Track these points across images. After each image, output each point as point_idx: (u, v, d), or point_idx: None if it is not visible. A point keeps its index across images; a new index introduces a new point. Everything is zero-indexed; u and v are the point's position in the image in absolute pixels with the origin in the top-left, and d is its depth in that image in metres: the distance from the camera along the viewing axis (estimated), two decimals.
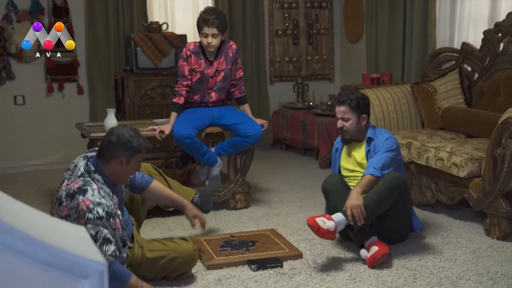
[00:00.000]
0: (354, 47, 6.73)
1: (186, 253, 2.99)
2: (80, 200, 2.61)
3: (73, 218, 2.62)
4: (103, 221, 2.59)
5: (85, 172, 2.71)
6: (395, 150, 3.43)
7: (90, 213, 2.58)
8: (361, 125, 3.49)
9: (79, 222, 2.60)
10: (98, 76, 5.98)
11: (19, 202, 1.15)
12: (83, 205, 2.59)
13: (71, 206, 2.63)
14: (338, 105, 3.50)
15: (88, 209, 2.58)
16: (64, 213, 2.67)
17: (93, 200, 2.61)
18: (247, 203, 4.40)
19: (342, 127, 3.50)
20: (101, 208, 2.60)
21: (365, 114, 3.48)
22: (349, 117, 3.47)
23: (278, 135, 6.63)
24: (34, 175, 5.68)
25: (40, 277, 0.97)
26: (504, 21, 4.45)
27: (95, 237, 2.57)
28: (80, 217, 2.59)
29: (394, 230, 3.43)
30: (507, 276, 2.97)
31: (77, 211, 2.60)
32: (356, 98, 3.46)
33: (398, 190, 3.27)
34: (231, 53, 4.23)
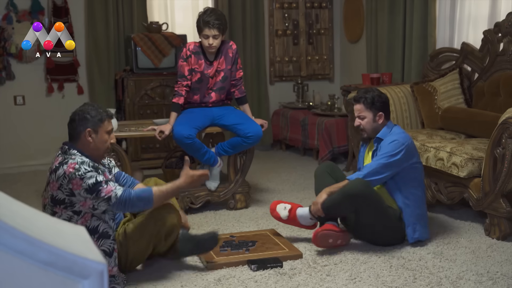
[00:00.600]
0: (354, 47, 6.73)
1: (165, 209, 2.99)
2: (64, 168, 2.75)
3: (66, 184, 2.73)
4: (93, 172, 2.75)
5: (61, 153, 2.86)
6: (395, 155, 3.36)
7: (78, 171, 2.73)
8: (377, 123, 3.49)
9: (74, 184, 2.73)
10: (98, 76, 5.98)
11: (19, 202, 1.15)
12: (69, 169, 2.74)
13: (58, 176, 2.75)
14: (354, 103, 3.56)
15: (75, 169, 2.73)
16: (54, 188, 2.75)
17: (75, 161, 2.77)
18: (247, 203, 4.40)
19: (359, 125, 3.53)
20: (86, 165, 2.77)
21: (381, 112, 3.48)
22: (365, 115, 3.49)
23: (278, 135, 6.63)
24: (34, 175, 5.68)
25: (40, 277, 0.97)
26: (504, 21, 4.45)
27: (96, 184, 2.72)
28: (72, 179, 2.72)
29: (369, 236, 3.45)
30: (507, 276, 2.97)
31: (66, 177, 2.73)
32: (371, 96, 3.48)
33: (355, 198, 3.27)
34: (231, 53, 4.23)
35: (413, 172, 3.45)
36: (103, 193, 2.75)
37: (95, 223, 2.83)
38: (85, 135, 2.86)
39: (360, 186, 3.29)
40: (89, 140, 2.87)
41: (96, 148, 2.89)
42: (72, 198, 2.76)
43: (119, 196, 2.77)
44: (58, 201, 2.79)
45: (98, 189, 2.74)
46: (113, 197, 2.76)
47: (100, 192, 2.74)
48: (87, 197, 2.74)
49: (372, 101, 3.47)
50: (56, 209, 2.81)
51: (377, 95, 3.50)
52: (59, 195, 2.77)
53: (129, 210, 2.89)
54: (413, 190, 3.44)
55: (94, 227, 2.82)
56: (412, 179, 3.45)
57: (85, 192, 2.74)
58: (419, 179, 3.49)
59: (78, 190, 2.74)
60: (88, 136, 2.86)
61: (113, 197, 2.76)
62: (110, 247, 2.86)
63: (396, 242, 3.44)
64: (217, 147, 4.27)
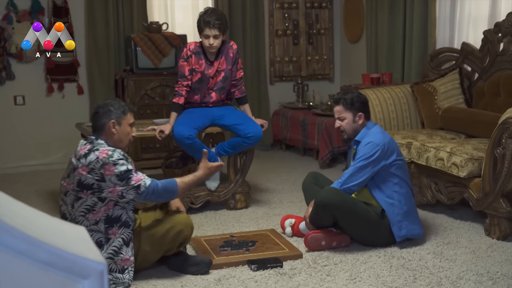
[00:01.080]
0: (354, 47, 6.73)
1: (181, 220, 3.04)
2: (97, 153, 2.82)
3: (98, 169, 2.79)
4: (125, 160, 2.84)
5: (88, 142, 2.93)
6: (371, 157, 3.35)
7: (112, 157, 2.81)
8: (357, 124, 3.49)
9: (106, 169, 2.79)
10: (98, 76, 5.98)
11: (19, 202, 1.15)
12: (103, 154, 2.82)
13: (89, 161, 2.81)
14: (334, 105, 3.58)
15: (108, 155, 2.81)
16: (84, 172, 2.81)
17: (108, 148, 2.86)
18: (247, 203, 4.40)
19: (339, 127, 3.54)
20: (118, 153, 2.85)
21: (360, 113, 3.48)
22: (345, 116, 3.51)
23: (278, 135, 6.63)
24: (34, 175, 5.68)
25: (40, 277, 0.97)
26: (504, 21, 4.45)
27: (127, 172, 2.81)
28: (105, 164, 2.79)
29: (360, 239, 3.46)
30: (507, 276, 2.97)
31: (99, 161, 2.79)
32: (350, 97, 3.49)
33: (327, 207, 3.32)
34: (232, 53, 4.23)
35: (394, 170, 3.43)
36: (133, 181, 2.83)
37: (118, 212, 2.90)
38: (109, 127, 2.95)
39: (329, 194, 3.34)
40: (113, 131, 2.96)
41: (120, 139, 2.99)
42: (101, 184, 2.81)
43: (148, 186, 2.84)
44: (86, 186, 2.83)
45: (128, 176, 2.82)
46: (142, 186, 2.84)
47: (130, 180, 2.82)
48: (117, 184, 2.81)
49: (351, 102, 3.48)
50: (82, 194, 2.85)
51: (356, 96, 3.51)
52: (88, 180, 2.81)
53: (155, 200, 2.98)
54: (397, 188, 3.43)
55: (117, 216, 2.89)
56: (393, 177, 3.43)
57: (116, 178, 2.80)
58: (401, 176, 3.46)
59: (110, 176, 2.80)
60: (112, 128, 2.96)
61: (142, 185, 2.84)
62: (128, 236, 2.91)
63: (386, 240, 3.44)
64: (217, 147, 4.27)
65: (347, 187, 3.37)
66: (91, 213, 2.87)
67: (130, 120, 3.02)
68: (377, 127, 3.54)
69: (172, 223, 3.02)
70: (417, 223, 3.50)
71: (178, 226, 3.02)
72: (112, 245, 2.88)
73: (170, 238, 3.01)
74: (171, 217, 3.08)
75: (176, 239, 3.03)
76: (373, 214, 3.39)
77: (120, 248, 2.89)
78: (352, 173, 3.37)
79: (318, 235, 3.39)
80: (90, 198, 2.84)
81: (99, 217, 2.87)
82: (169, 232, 3.00)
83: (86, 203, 2.85)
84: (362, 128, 3.50)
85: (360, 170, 3.36)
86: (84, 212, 2.87)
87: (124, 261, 2.89)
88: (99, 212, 2.87)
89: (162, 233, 3.00)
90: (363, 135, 3.47)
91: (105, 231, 2.88)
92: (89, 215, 2.87)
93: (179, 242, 3.06)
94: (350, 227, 3.41)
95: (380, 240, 3.43)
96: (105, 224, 2.88)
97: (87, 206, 2.86)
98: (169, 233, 3.00)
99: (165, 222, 3.05)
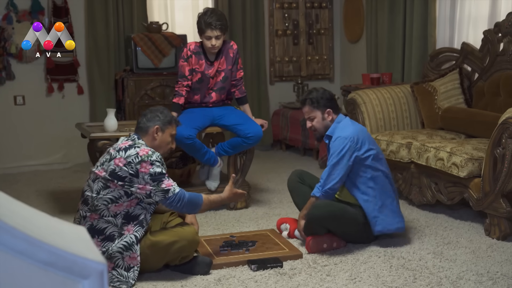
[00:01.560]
0: (354, 47, 6.73)
1: (187, 236, 3.03)
2: (138, 149, 2.93)
3: (135, 163, 2.89)
4: (161, 164, 2.94)
5: (129, 139, 3.03)
6: (341, 151, 3.36)
7: (151, 156, 2.91)
8: (327, 121, 3.52)
9: (142, 166, 2.89)
10: (98, 76, 5.98)
11: (19, 202, 1.15)
12: (143, 152, 2.92)
13: (128, 155, 2.91)
14: (302, 105, 3.60)
15: (148, 154, 2.92)
16: (120, 164, 2.90)
17: (148, 149, 2.96)
18: (247, 203, 4.40)
19: (311, 127, 3.57)
20: (156, 155, 2.95)
21: (329, 109, 3.51)
22: (314, 115, 3.53)
23: (278, 135, 6.63)
24: (34, 175, 5.68)
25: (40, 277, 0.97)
26: (504, 21, 4.45)
27: (160, 174, 2.91)
28: (143, 161, 2.89)
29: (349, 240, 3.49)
30: (507, 276, 2.97)
31: (138, 157, 2.89)
32: (315, 95, 3.52)
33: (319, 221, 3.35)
34: (232, 54, 4.23)
35: (369, 162, 3.42)
36: (164, 184, 2.92)
37: (138, 211, 2.96)
38: (153, 131, 3.06)
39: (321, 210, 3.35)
40: (155, 136, 3.07)
41: (159, 146, 3.08)
42: (133, 179, 2.89)
43: (176, 193, 2.94)
44: (119, 176, 2.90)
45: (161, 179, 2.91)
46: (171, 191, 2.94)
47: (162, 183, 2.91)
48: (148, 183, 2.90)
49: (317, 100, 3.51)
50: (112, 184, 2.91)
51: (321, 93, 3.54)
52: (122, 172, 2.89)
53: (177, 209, 3.04)
54: (372, 184, 3.43)
55: (136, 215, 2.96)
56: (368, 171, 3.42)
57: (149, 177, 2.89)
58: (378, 168, 3.45)
59: (144, 173, 2.89)
60: (155, 133, 3.07)
61: (171, 191, 2.93)
62: (140, 235, 2.95)
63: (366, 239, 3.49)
64: (217, 147, 4.27)
65: (328, 187, 3.39)
66: (113, 204, 2.92)
67: (172, 131, 3.14)
68: (347, 120, 3.54)
69: (178, 236, 3.01)
70: (396, 217, 3.49)
71: (183, 242, 3.01)
72: (124, 240, 2.92)
73: (174, 250, 3.00)
74: (179, 230, 3.07)
75: (179, 253, 3.03)
76: (360, 215, 3.43)
77: (131, 245, 2.92)
78: (329, 173, 3.40)
79: (319, 238, 3.39)
80: (118, 190, 2.91)
81: (119, 211, 2.93)
82: (174, 245, 2.99)
83: (113, 194, 2.92)
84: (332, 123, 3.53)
85: (335, 167, 3.38)
86: (107, 201, 2.92)
87: (131, 259, 2.92)
88: (121, 206, 2.93)
89: (166, 244, 2.99)
90: (333, 129, 3.50)
91: (120, 226, 2.94)
92: (111, 206, 2.92)
93: (182, 257, 3.06)
94: (343, 233, 3.44)
95: (369, 236, 3.48)
96: (123, 219, 2.94)
97: (112, 196, 2.92)
98: (173, 246, 2.99)
99: (172, 233, 3.04)
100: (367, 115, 4.73)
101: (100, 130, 4.19)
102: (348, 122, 3.53)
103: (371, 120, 4.73)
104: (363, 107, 4.74)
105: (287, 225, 3.70)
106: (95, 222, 2.94)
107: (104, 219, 2.93)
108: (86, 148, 4.63)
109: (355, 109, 4.80)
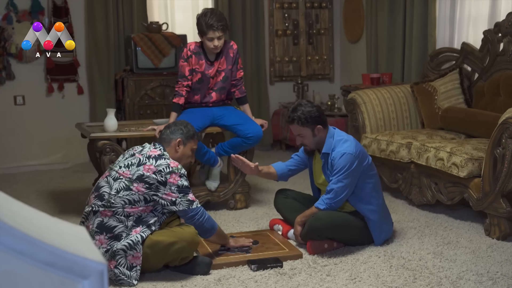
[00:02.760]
0: (354, 47, 6.73)
1: (187, 237, 3.03)
2: (168, 161, 3.02)
3: (165, 173, 2.97)
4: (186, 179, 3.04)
5: (157, 147, 3.11)
6: (349, 168, 3.30)
7: (181, 170, 3.02)
8: (318, 137, 3.41)
9: (172, 177, 2.98)
10: (98, 76, 5.98)
11: (19, 202, 1.15)
12: (174, 164, 3.01)
13: (159, 164, 2.99)
14: (290, 124, 3.45)
15: (178, 167, 3.02)
16: (149, 170, 2.97)
17: (177, 163, 3.05)
18: (247, 203, 4.40)
19: (302, 143, 3.49)
20: (183, 170, 3.05)
21: (319, 126, 3.39)
22: (304, 134, 3.41)
23: (278, 135, 6.63)
24: (34, 175, 5.68)
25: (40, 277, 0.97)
26: (504, 21, 4.45)
27: (187, 188, 3.01)
28: (174, 172, 2.98)
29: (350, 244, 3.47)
30: (507, 276, 2.97)
31: (169, 167, 2.99)
32: (303, 114, 3.36)
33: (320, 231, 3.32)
34: (232, 53, 4.23)
35: (370, 170, 3.43)
36: (190, 196, 3.02)
37: (150, 218, 3.01)
38: (175, 144, 3.16)
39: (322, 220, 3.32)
40: (177, 149, 3.16)
41: (179, 158, 3.15)
42: (161, 186, 2.97)
43: (199, 206, 3.05)
44: (146, 182, 2.96)
45: (187, 192, 3.02)
46: (195, 203, 3.04)
47: (187, 195, 3.02)
48: (174, 193, 2.97)
49: (305, 119, 3.35)
50: (135, 187, 2.96)
51: (308, 111, 3.36)
52: (151, 178, 2.96)
53: (196, 224, 3.07)
54: (374, 193, 3.43)
55: (146, 220, 2.99)
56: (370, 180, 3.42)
57: (176, 188, 2.98)
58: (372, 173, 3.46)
59: (171, 184, 2.97)
60: (177, 145, 3.16)
61: (196, 203, 3.04)
62: (145, 236, 2.97)
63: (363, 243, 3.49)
64: (217, 147, 4.27)
65: (335, 202, 3.34)
66: (130, 206, 2.95)
67: (194, 145, 3.24)
68: (339, 133, 3.45)
69: (178, 237, 3.02)
70: (390, 219, 3.57)
71: (183, 243, 3.02)
72: (130, 238, 2.94)
73: (173, 251, 3.01)
74: (178, 230, 3.07)
75: (178, 254, 3.04)
76: (359, 221, 3.42)
77: (136, 244, 2.93)
78: (338, 190, 3.32)
79: (320, 240, 3.39)
80: (139, 194, 2.96)
81: (133, 213, 2.96)
82: (173, 245, 3.00)
83: (133, 196, 2.96)
84: (324, 138, 3.41)
85: (344, 183, 3.30)
86: (125, 201, 2.95)
87: (135, 258, 2.94)
88: (136, 209, 2.96)
89: (166, 244, 3.00)
90: (329, 146, 3.39)
91: (130, 228, 2.96)
92: (127, 207, 2.95)
93: (181, 258, 3.06)
94: (344, 240, 3.44)
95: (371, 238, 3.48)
96: (134, 222, 2.97)
97: (131, 198, 2.96)
98: (173, 246, 3.00)
99: (172, 233, 3.05)
100: (367, 115, 4.73)
101: (100, 130, 4.19)
102: (340, 134, 3.45)
103: (371, 120, 4.73)
104: (363, 107, 4.74)
105: (280, 226, 3.70)
106: (106, 219, 2.96)
107: (116, 217, 2.95)
108: (86, 148, 4.63)
109: (355, 109, 4.80)
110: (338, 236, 3.40)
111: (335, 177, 3.33)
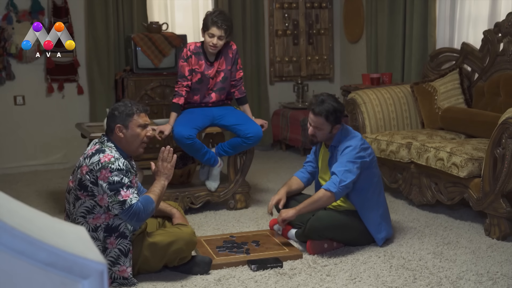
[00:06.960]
0: (354, 47, 6.73)
1: (185, 237, 3.03)
2: (101, 156, 2.84)
3: (96, 171, 2.81)
4: (124, 172, 2.84)
5: (98, 142, 2.97)
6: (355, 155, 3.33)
7: (113, 164, 2.82)
8: (332, 134, 3.44)
9: (102, 174, 2.80)
10: (98, 76, 5.98)
11: (19, 202, 1.15)
12: (105, 158, 2.83)
13: (91, 162, 2.83)
14: (314, 115, 3.40)
15: (110, 161, 2.83)
16: (83, 171, 2.84)
17: (113, 155, 2.86)
18: (247, 203, 4.40)
19: (314, 134, 3.46)
20: (121, 162, 2.85)
21: (339, 125, 3.42)
22: (323, 128, 3.41)
23: (278, 135, 6.63)
24: (34, 175, 5.68)
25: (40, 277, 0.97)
26: (504, 21, 4.45)
27: (119, 182, 2.81)
28: (104, 168, 2.80)
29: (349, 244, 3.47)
30: (507, 276, 2.97)
31: (99, 163, 2.81)
32: (333, 110, 3.36)
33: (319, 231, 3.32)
34: (231, 54, 4.23)
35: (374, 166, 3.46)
36: (120, 195, 2.81)
37: (117, 222, 2.89)
38: (116, 131, 2.97)
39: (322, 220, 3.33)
40: (120, 135, 2.97)
41: (131, 142, 2.99)
42: (93, 188, 2.83)
43: (132, 204, 2.82)
44: (84, 186, 2.86)
45: (118, 188, 2.81)
46: (127, 203, 2.82)
47: (118, 194, 2.81)
48: (105, 192, 2.81)
49: (335, 117, 3.36)
50: (80, 195, 2.87)
51: (338, 107, 3.38)
52: (85, 181, 2.84)
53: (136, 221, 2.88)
54: (372, 188, 3.43)
55: (116, 226, 2.89)
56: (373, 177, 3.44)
57: (107, 186, 2.80)
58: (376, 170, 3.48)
59: (102, 181, 2.81)
60: (119, 132, 2.97)
61: (127, 202, 2.82)
62: (126, 247, 2.90)
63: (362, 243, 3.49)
64: (217, 147, 4.27)
65: (344, 184, 3.29)
66: (91, 216, 2.87)
67: (139, 121, 2.99)
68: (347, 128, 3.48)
69: (176, 237, 3.01)
70: (389, 221, 3.57)
71: (180, 243, 3.01)
72: (109, 256, 2.88)
73: (172, 251, 3.00)
74: (176, 230, 3.06)
75: (177, 255, 3.03)
76: (359, 221, 3.42)
77: (118, 259, 2.89)
78: (345, 170, 3.30)
79: (319, 240, 3.39)
80: (88, 200, 2.86)
81: (99, 223, 2.88)
82: (171, 246, 2.99)
83: (85, 205, 2.87)
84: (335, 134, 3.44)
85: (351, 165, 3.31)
86: (83, 213, 2.88)
87: (122, 272, 2.91)
88: (99, 218, 2.87)
89: (164, 245, 2.99)
90: (338, 140, 3.43)
91: (103, 240, 2.88)
92: (89, 218, 2.87)
93: (179, 258, 3.06)
94: (344, 240, 3.44)
95: (371, 238, 3.48)
96: (104, 232, 2.89)
97: (86, 207, 2.87)
98: (171, 246, 2.99)
99: (170, 234, 3.04)
100: (367, 115, 4.73)
101: (100, 130, 4.18)
102: (349, 129, 3.50)
103: (371, 120, 4.73)
104: (363, 107, 4.74)
105: (280, 227, 3.69)
106: None
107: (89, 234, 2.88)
108: (86, 148, 4.62)
109: (355, 109, 4.80)
110: (338, 236, 3.40)
111: (342, 162, 3.34)
